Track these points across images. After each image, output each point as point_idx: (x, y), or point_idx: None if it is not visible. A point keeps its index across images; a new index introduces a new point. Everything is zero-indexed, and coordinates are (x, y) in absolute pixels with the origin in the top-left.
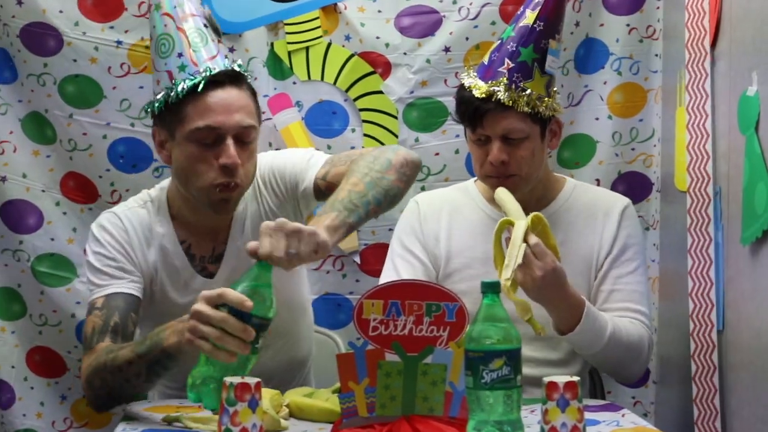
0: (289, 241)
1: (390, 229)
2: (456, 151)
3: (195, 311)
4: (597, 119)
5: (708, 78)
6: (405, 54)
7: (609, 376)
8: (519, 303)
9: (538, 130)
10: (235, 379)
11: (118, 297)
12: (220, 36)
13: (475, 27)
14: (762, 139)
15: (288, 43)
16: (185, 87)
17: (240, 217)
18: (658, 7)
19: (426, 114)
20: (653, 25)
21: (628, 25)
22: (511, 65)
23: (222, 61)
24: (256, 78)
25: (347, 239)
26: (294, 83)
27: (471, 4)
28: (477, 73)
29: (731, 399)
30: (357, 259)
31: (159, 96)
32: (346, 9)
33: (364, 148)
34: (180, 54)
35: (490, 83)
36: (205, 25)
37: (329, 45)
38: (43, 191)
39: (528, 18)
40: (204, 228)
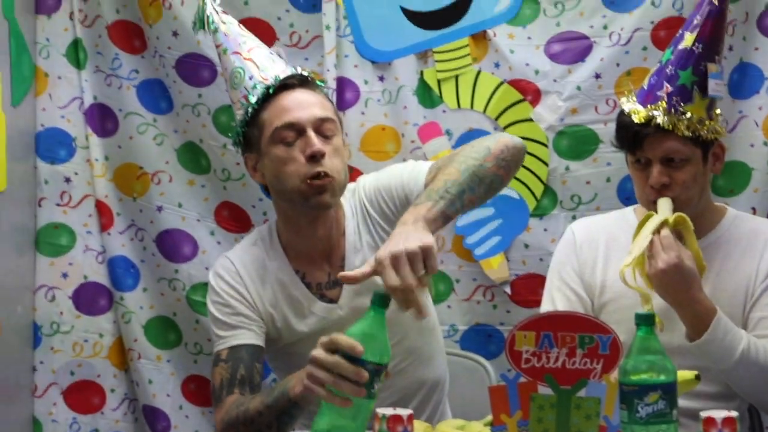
0: (414, 265)
1: (541, 259)
2: (607, 180)
3: (312, 357)
4: (752, 146)
5: None
6: (555, 81)
7: (754, 405)
8: (639, 291)
9: (699, 153)
10: (388, 411)
11: (241, 349)
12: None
13: (626, 53)
14: None
15: (438, 71)
16: (258, 95)
17: (351, 239)
18: None
19: (577, 142)
20: None
21: None
22: (671, 89)
23: (291, 70)
24: (405, 106)
25: (498, 269)
26: (443, 111)
27: (622, 29)
28: (637, 98)
29: None
30: (507, 290)
31: (239, 117)
32: (495, 36)
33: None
34: (251, 77)
35: (648, 108)
36: (271, 53)
37: (479, 73)
38: (198, 221)
39: (687, 40)
40: (316, 253)
